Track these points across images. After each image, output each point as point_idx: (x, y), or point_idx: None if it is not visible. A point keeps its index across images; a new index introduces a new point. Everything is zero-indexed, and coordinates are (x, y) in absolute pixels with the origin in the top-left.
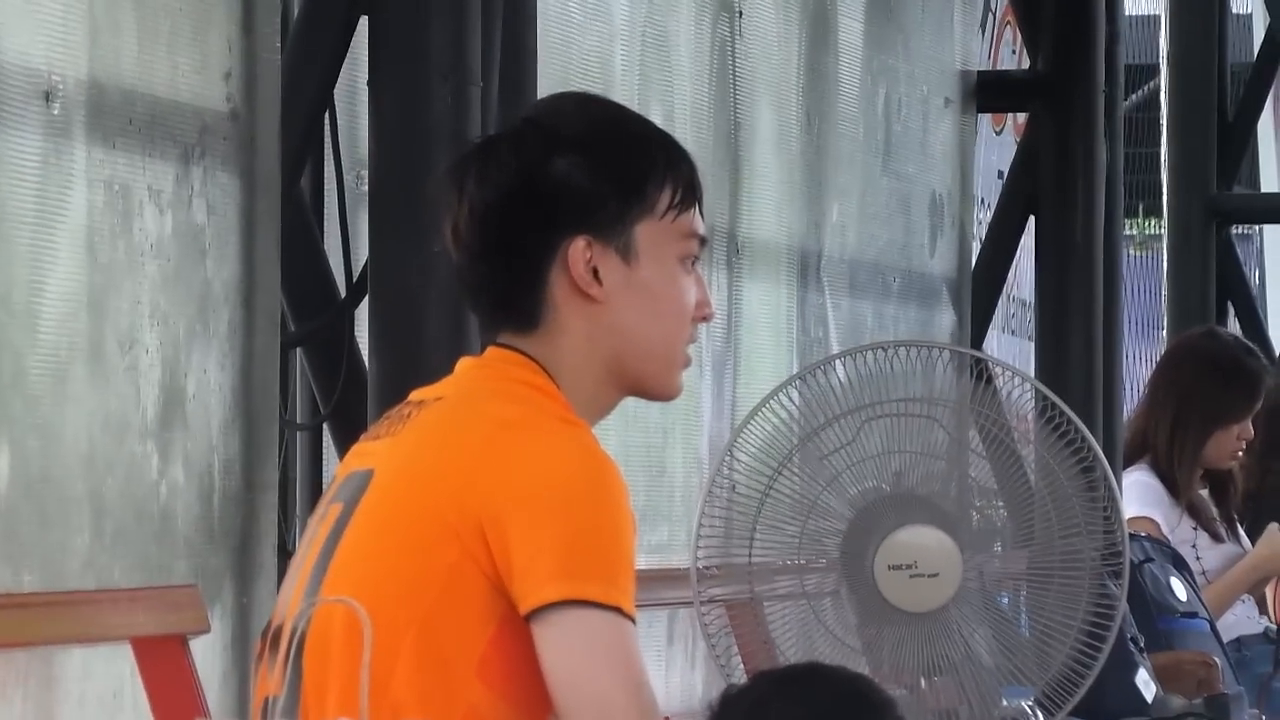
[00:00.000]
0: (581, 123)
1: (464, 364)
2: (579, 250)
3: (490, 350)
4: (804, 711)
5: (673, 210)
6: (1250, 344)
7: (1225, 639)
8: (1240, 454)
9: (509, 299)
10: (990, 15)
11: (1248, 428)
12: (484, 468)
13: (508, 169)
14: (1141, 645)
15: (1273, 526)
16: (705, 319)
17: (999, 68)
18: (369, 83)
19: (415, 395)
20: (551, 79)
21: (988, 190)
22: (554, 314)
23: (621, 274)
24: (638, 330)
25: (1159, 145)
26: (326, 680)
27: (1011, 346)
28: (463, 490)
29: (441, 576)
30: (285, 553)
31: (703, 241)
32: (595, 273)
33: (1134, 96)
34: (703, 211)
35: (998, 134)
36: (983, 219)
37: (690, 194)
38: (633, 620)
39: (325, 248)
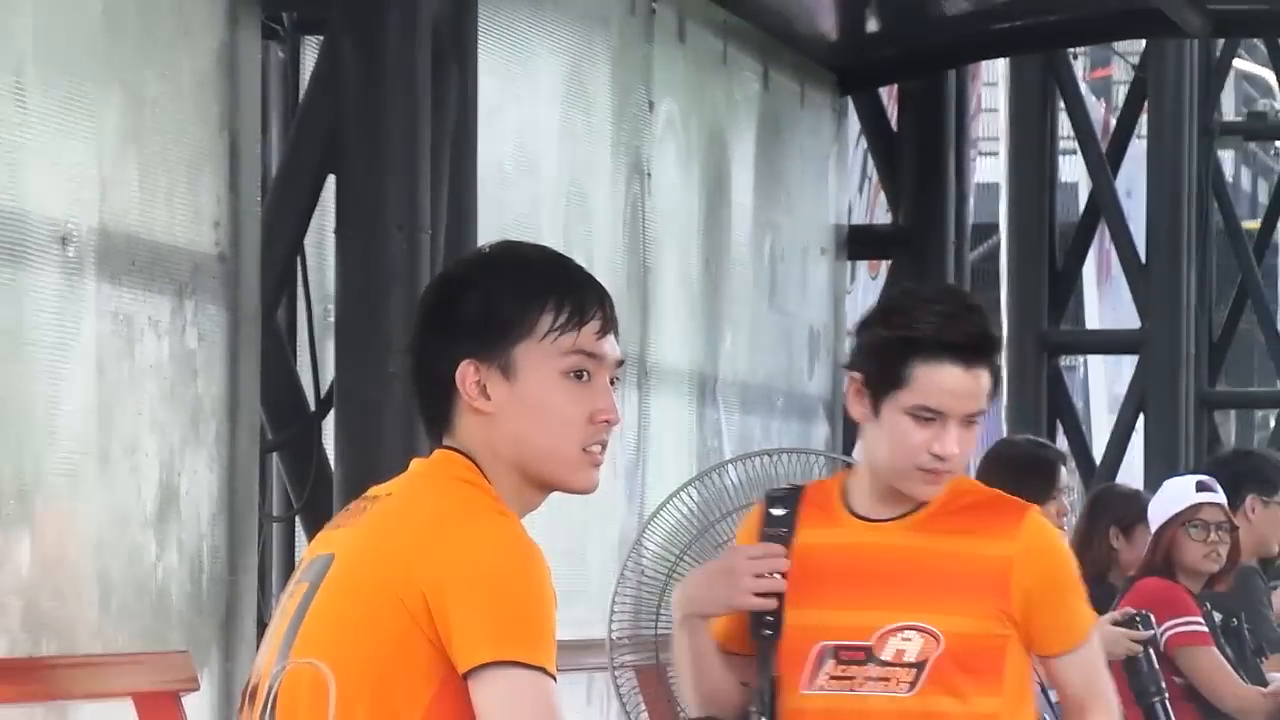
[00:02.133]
0: (481, 265)
1: (415, 464)
2: (466, 373)
3: (437, 452)
4: None
5: (554, 332)
6: (1043, 440)
7: None
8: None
9: (431, 413)
10: (866, 179)
11: (1062, 504)
12: (427, 551)
13: (422, 307)
14: None
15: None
16: (609, 423)
17: (875, 222)
18: (335, 231)
19: (371, 491)
20: (489, 229)
21: None
22: (461, 425)
23: (505, 389)
24: (527, 437)
25: (999, 290)
26: None
27: None
28: (410, 570)
29: (392, 642)
30: (264, 625)
31: (594, 356)
32: (484, 390)
33: (979, 249)
34: (607, 332)
35: (874, 279)
36: None
37: (575, 318)
38: (554, 679)
39: (298, 369)
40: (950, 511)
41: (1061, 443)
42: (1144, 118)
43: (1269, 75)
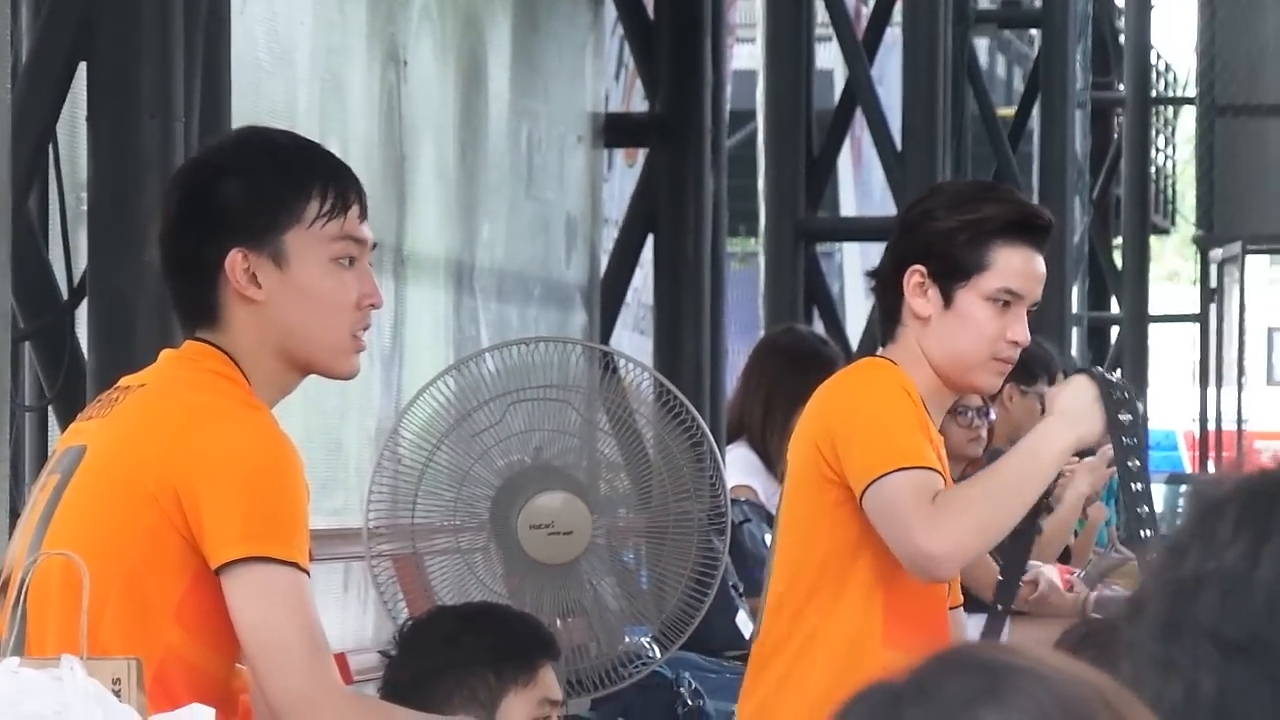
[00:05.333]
0: (236, 153)
1: (165, 355)
2: (235, 261)
3: (187, 344)
4: (493, 642)
5: (321, 219)
6: (824, 336)
7: None
8: None
9: (191, 305)
10: (623, 67)
11: None
12: (179, 445)
13: (175, 198)
14: (741, 590)
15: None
16: (373, 306)
17: (633, 110)
18: (87, 118)
19: (123, 382)
20: (243, 116)
21: (623, 213)
22: (227, 315)
23: (276, 277)
24: (298, 323)
25: (756, 177)
26: (46, 623)
27: (643, 346)
28: (161, 464)
29: (143, 536)
30: (16, 516)
31: (359, 241)
32: (255, 278)
33: (736, 136)
34: (365, 215)
35: (630, 166)
36: (615, 236)
37: (340, 203)
38: (307, 573)
39: (50, 258)
40: None
41: (818, 327)
42: (899, 5)
43: None
